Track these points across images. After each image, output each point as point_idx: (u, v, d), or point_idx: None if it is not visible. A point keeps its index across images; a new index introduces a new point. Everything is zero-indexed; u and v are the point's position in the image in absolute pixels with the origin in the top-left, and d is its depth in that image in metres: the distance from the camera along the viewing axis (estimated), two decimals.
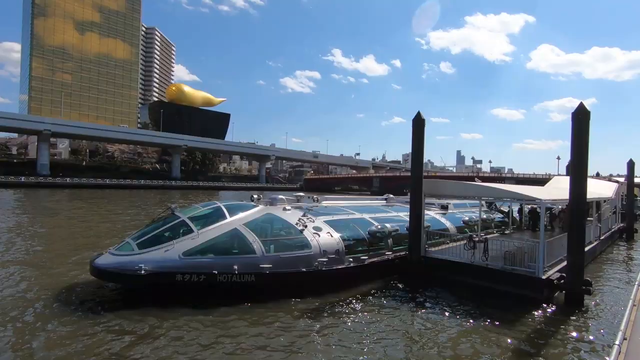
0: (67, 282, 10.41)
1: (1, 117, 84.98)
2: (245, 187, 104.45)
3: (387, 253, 12.15)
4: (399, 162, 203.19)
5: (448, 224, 15.65)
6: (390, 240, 12.50)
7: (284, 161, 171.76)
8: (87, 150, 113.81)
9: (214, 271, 8.96)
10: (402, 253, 12.31)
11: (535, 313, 9.16)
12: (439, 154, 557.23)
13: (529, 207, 19.98)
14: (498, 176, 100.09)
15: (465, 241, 12.17)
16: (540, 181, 62.10)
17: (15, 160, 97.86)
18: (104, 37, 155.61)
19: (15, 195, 49.21)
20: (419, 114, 12.18)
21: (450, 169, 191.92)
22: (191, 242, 9.44)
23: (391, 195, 18.90)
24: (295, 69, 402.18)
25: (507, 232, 18.15)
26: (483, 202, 18.20)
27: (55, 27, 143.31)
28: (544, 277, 10.01)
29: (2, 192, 55.03)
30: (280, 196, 13.26)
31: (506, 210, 20.63)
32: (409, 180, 12.51)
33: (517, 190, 11.99)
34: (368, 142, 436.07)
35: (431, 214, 15.66)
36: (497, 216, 19.95)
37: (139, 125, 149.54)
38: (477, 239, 11.91)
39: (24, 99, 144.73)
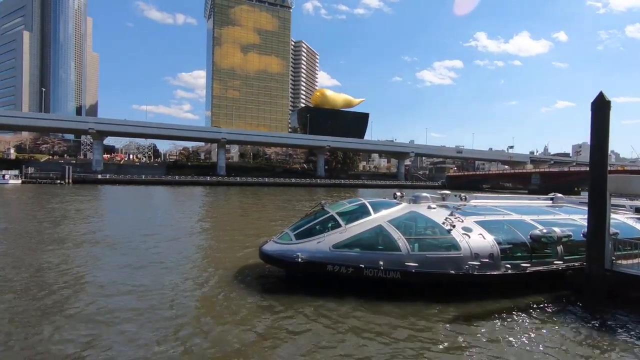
0: (241, 262, 12.58)
1: (194, 130, 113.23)
2: (384, 184, 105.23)
3: (555, 262, 10.35)
4: (567, 154, 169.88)
5: None
6: (560, 248, 10.59)
7: (423, 158, 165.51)
8: (251, 154, 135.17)
9: (361, 265, 9.37)
10: (576, 264, 10.28)
11: None
12: (626, 142, 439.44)
13: None
14: None
15: None
16: None
17: (186, 164, 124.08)
18: (262, 56, 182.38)
19: (204, 191, 62.94)
20: (601, 95, 9.85)
21: None
22: (339, 235, 10.08)
23: (559, 195, 15.94)
24: (433, 61, 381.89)
25: None
26: None
27: (227, 52, 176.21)
28: None
29: (196, 188, 72.12)
30: (424, 194, 12.83)
31: None
32: (582, 176, 10.57)
33: None
34: (524, 133, 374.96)
35: (620, 219, 12.54)
36: None
37: (289, 129, 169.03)
38: None
39: (208, 115, 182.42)
